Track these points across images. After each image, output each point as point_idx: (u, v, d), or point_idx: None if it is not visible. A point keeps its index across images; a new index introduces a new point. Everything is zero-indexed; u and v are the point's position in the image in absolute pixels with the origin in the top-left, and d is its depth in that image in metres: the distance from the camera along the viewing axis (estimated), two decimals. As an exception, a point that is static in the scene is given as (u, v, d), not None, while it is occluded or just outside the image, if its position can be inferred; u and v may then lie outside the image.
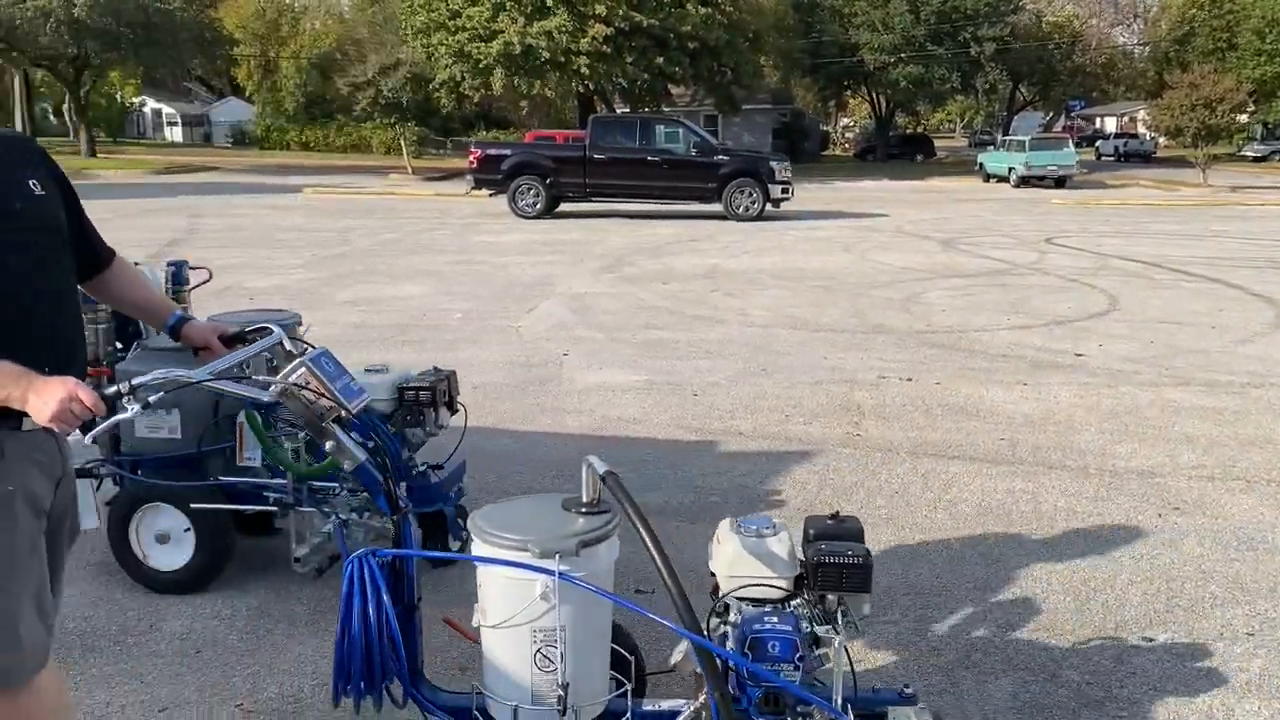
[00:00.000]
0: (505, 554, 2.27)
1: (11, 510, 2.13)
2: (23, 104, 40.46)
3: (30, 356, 2.13)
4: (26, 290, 2.20)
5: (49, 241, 2.28)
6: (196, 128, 60.90)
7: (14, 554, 2.13)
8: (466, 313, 9.88)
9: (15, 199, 2.22)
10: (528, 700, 2.32)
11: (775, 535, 2.52)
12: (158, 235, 16.17)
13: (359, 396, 2.42)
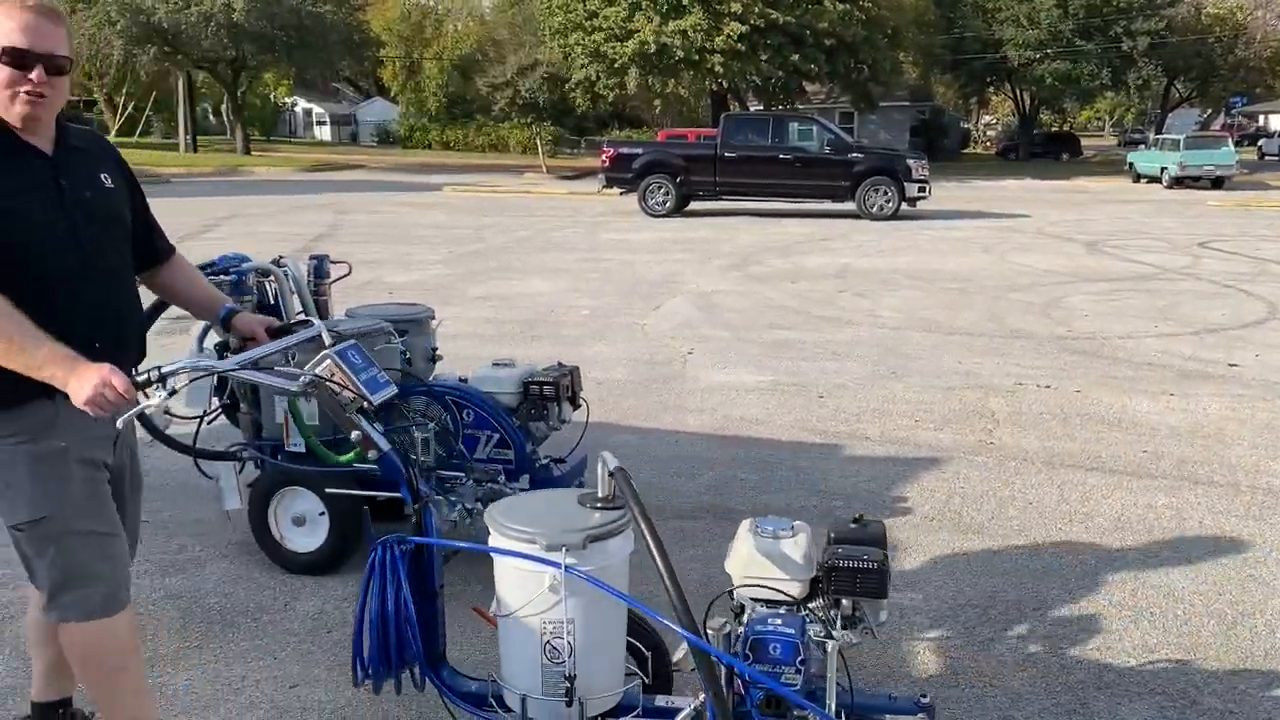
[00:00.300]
0: (516, 546, 2.30)
1: (65, 464, 2.41)
2: (185, 104, 42.75)
3: (85, 333, 2.38)
4: (90, 271, 2.44)
5: (112, 230, 2.54)
6: (344, 127, 63.28)
7: (73, 502, 2.41)
8: (593, 310, 9.98)
9: (86, 188, 2.48)
10: (537, 690, 2.36)
11: (792, 538, 2.48)
12: (305, 230, 16.87)
13: (383, 389, 2.49)
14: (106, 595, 2.47)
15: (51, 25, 2.38)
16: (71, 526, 2.42)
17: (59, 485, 2.41)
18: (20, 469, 2.40)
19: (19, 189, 2.37)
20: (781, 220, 19.80)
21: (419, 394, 4.05)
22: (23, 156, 2.40)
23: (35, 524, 2.41)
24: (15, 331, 2.25)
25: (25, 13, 2.33)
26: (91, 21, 36.47)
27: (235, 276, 4.13)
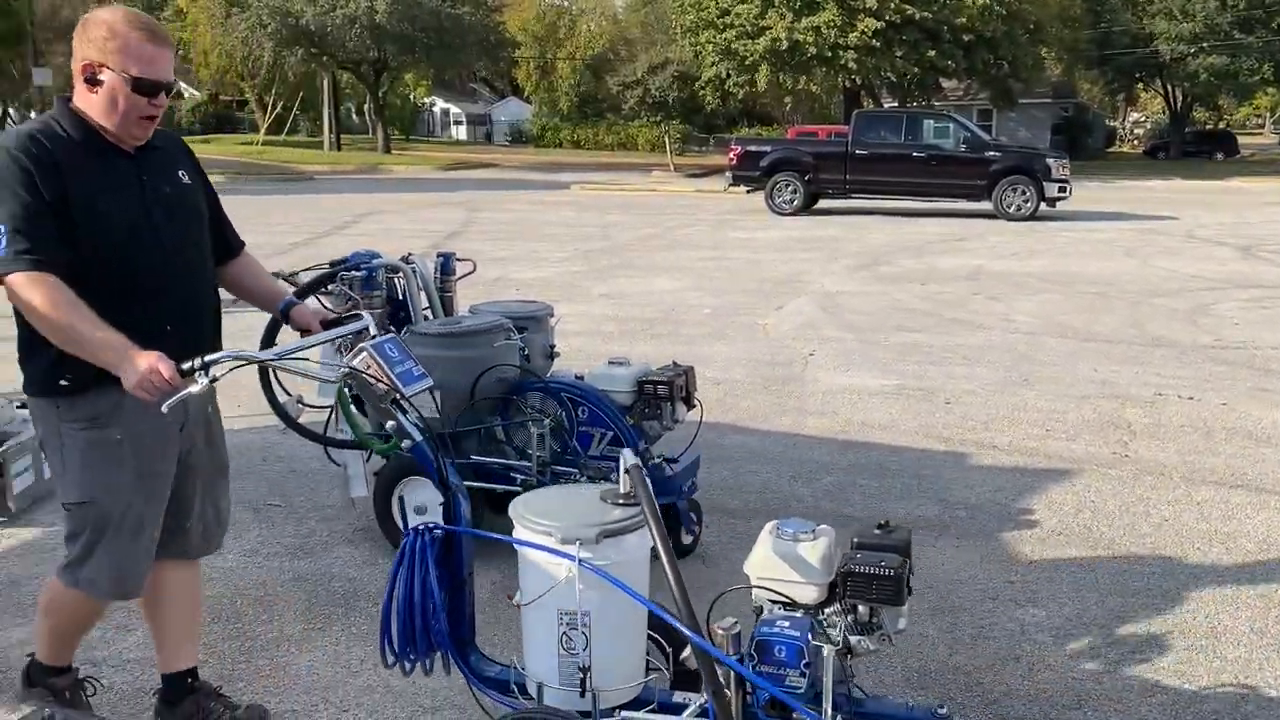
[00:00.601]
0: (534, 537, 2.37)
1: (122, 454, 2.61)
2: (330, 104, 44.42)
3: (166, 323, 2.61)
4: (170, 265, 2.65)
5: (191, 224, 2.76)
6: (479, 126, 64.74)
7: (117, 493, 2.63)
8: (715, 308, 9.95)
9: (166, 185, 2.71)
10: (553, 680, 2.42)
11: (811, 541, 2.45)
12: (439, 228, 17.33)
13: (417, 382, 2.56)
14: (115, 583, 2.71)
15: (169, 53, 2.61)
16: (111, 516, 2.63)
17: (108, 474, 2.61)
18: (75, 454, 2.61)
19: (106, 188, 2.57)
20: (914, 220, 19.37)
21: (535, 390, 4.11)
22: (108, 157, 2.60)
23: (80, 506, 2.64)
24: (75, 319, 2.41)
25: (151, 44, 2.54)
26: (245, 25, 38.23)
27: (366, 272, 4.26)
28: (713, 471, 5.21)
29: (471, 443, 4.11)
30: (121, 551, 2.67)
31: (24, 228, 2.43)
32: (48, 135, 2.54)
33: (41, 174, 2.47)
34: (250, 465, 5.32)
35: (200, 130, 51.09)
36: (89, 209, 2.53)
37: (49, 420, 2.63)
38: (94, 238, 2.53)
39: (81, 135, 2.58)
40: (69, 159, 2.53)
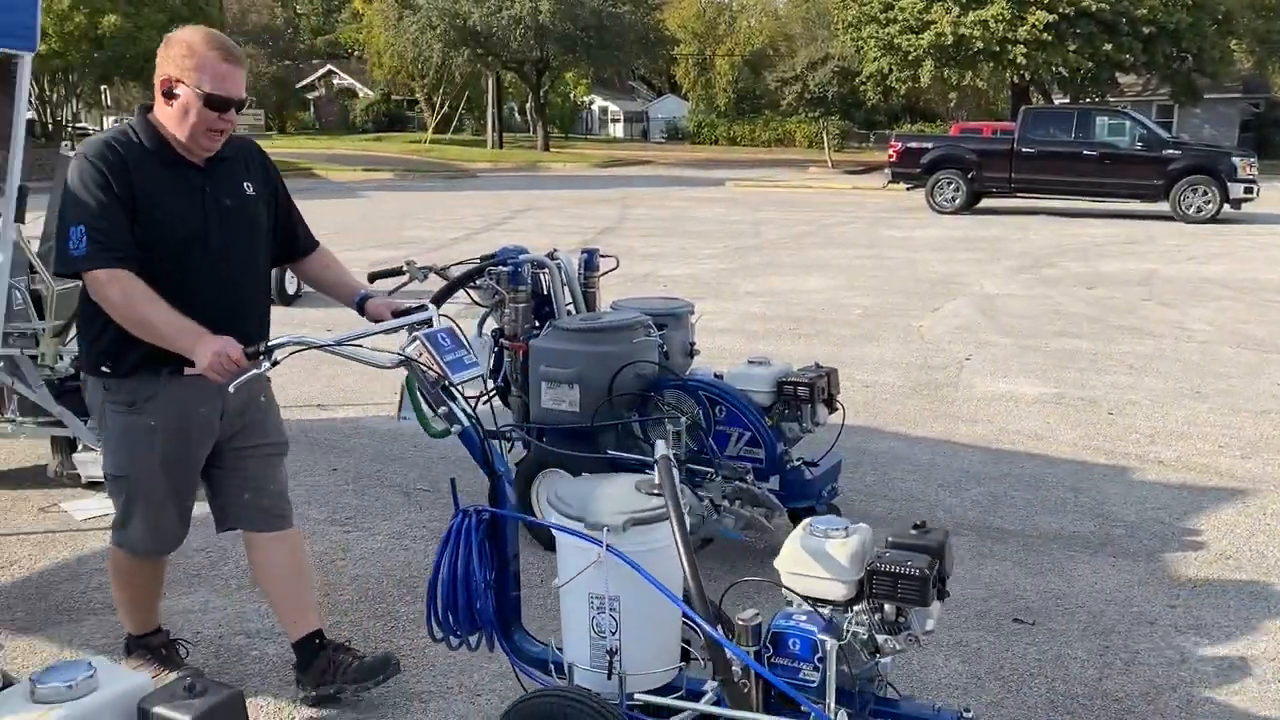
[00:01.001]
0: (567, 523, 2.47)
1: (153, 440, 2.87)
2: (493, 103, 45.64)
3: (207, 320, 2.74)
4: (216, 273, 2.86)
5: (244, 234, 2.95)
6: (636, 124, 65.32)
7: (148, 472, 2.90)
8: (867, 309, 9.74)
9: (227, 197, 2.90)
10: (585, 661, 2.51)
11: (842, 539, 2.42)
12: (591, 224, 17.57)
13: (467, 370, 2.67)
14: (149, 543, 3.01)
15: (241, 72, 2.81)
16: (141, 490, 2.93)
17: (140, 455, 2.88)
18: (115, 432, 2.90)
19: (170, 197, 2.79)
20: (1083, 220, 18.49)
21: (673, 387, 4.10)
22: (177, 168, 2.82)
23: (115, 478, 2.95)
24: (150, 310, 2.67)
25: (225, 63, 2.75)
26: (415, 26, 39.66)
27: (512, 267, 4.34)
28: (856, 477, 5.09)
29: (609, 438, 4.13)
30: (153, 518, 2.96)
31: (101, 226, 2.68)
32: (122, 144, 2.77)
33: (115, 178, 2.70)
34: (402, 451, 5.51)
35: (373, 129, 53.34)
36: (151, 215, 2.75)
37: (96, 396, 2.91)
38: (152, 242, 2.75)
39: (154, 145, 2.80)
40: (139, 166, 2.75)
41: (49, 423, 4.67)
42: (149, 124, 2.82)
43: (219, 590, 3.89)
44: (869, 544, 2.45)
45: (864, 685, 2.44)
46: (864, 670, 2.44)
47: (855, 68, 35.28)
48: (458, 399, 2.68)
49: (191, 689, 1.68)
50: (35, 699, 1.66)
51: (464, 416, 2.68)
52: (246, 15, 52.94)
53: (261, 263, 3.07)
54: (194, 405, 2.89)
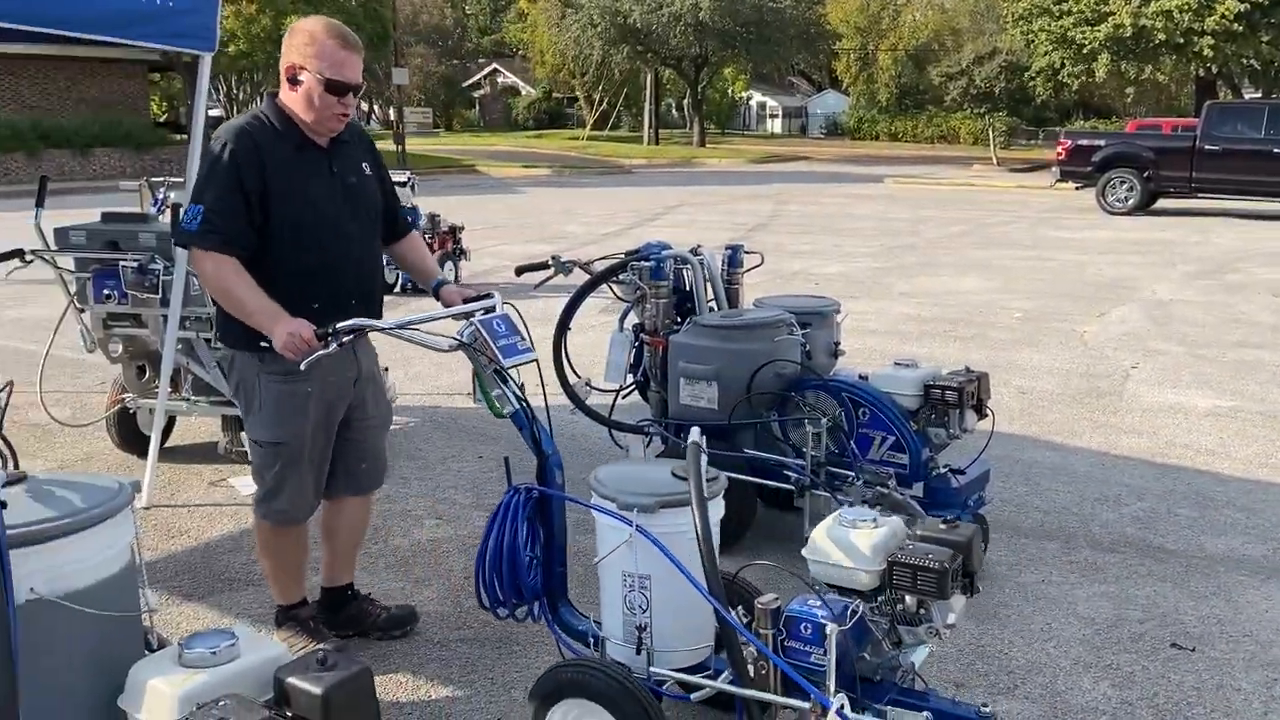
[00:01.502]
0: (602, 503, 2.60)
1: (307, 406, 3.04)
2: (651, 100, 45.95)
3: (347, 290, 3.06)
4: (351, 243, 3.08)
5: (368, 209, 3.18)
6: (794, 119, 64.65)
7: (303, 438, 3.06)
8: (1026, 312, 9.35)
9: (351, 175, 3.12)
10: (617, 636, 2.66)
11: (869, 529, 2.48)
12: (744, 220, 17.49)
13: (519, 355, 2.80)
14: (297, 510, 3.16)
15: (358, 57, 3.00)
16: (296, 455, 3.08)
17: (296, 422, 3.05)
18: (269, 400, 3.04)
19: (302, 175, 3.01)
20: (1272, 224, 17.28)
21: (815, 388, 4.03)
22: (306, 149, 3.04)
23: (272, 446, 3.08)
24: (239, 288, 2.88)
25: (342, 50, 2.95)
26: (577, 25, 40.32)
27: (654, 263, 4.36)
28: (1007, 486, 4.90)
29: (747, 437, 4.10)
30: (302, 483, 3.13)
31: (219, 209, 2.89)
32: (256, 129, 2.98)
33: (246, 166, 2.91)
34: (545, 442, 5.61)
35: (534, 126, 54.53)
36: (285, 192, 2.96)
37: (248, 370, 3.05)
38: (288, 217, 2.97)
39: (285, 127, 3.01)
40: (271, 149, 2.97)
41: (220, 402, 4.95)
42: (278, 108, 3.03)
43: (365, 567, 4.04)
44: (899, 537, 2.50)
45: (886, 675, 2.49)
46: (886, 660, 2.48)
47: (1024, 62, 33.96)
48: (509, 382, 2.83)
49: (323, 662, 1.75)
50: (182, 662, 1.76)
51: (514, 399, 2.83)
52: (418, 16, 54.88)
53: (379, 240, 3.30)
54: (339, 371, 3.09)
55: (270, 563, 3.33)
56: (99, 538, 1.80)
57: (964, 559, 2.42)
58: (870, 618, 2.45)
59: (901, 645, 2.48)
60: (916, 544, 2.45)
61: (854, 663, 2.41)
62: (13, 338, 8.07)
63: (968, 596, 2.47)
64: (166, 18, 4.24)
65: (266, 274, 2.96)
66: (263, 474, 3.15)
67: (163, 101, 45.19)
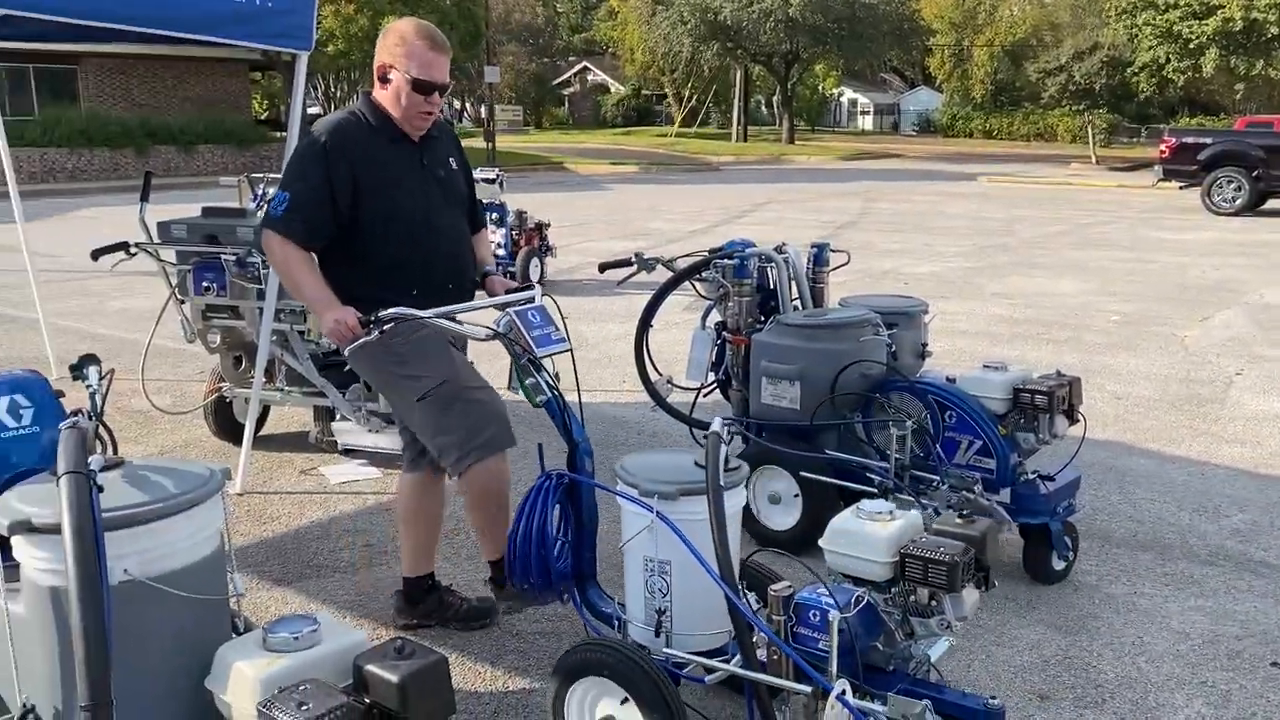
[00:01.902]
0: (625, 490, 2.67)
1: (443, 346, 3.17)
2: (740, 97, 45.73)
3: (440, 275, 3.18)
4: (441, 232, 3.19)
5: (457, 201, 3.32)
6: (886, 116, 63.72)
7: (458, 371, 3.16)
8: (1125, 315, 9.06)
9: (440, 169, 3.25)
10: (639, 618, 2.74)
11: (886, 521, 2.51)
12: (831, 218, 17.30)
13: (552, 345, 2.89)
14: (498, 435, 3.16)
15: (445, 57, 3.11)
16: (463, 387, 3.14)
17: (444, 360, 3.15)
18: (413, 352, 3.12)
19: (394, 168, 3.13)
20: (1390, 225, 16.47)
21: (900, 389, 3.96)
22: (398, 143, 3.17)
23: (436, 388, 3.10)
24: (300, 273, 3.01)
25: (430, 51, 3.06)
26: (667, 22, 40.33)
27: (738, 261, 4.33)
28: (1099, 494, 4.76)
29: (829, 438, 4.05)
30: (482, 407, 3.15)
31: (302, 200, 3.02)
32: (350, 125, 3.11)
33: (336, 160, 3.03)
34: (624, 437, 5.62)
35: (622, 123, 54.72)
36: (376, 185, 3.07)
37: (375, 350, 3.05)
38: (380, 209, 3.07)
39: (378, 122, 3.14)
40: (364, 143, 3.09)
41: (312, 393, 5.08)
42: (372, 104, 3.16)
43: (446, 557, 4.10)
44: (915, 530, 2.52)
45: (898, 665, 2.52)
46: (898, 651, 2.51)
47: (1127, 57, 32.89)
48: (543, 371, 2.91)
49: (401, 650, 1.78)
50: (266, 646, 1.81)
51: (547, 388, 2.92)
52: (510, 15, 55.51)
53: (468, 230, 3.42)
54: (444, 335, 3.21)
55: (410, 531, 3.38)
56: (191, 522, 1.86)
57: (978, 553, 2.45)
58: (883, 609, 2.51)
59: (915, 636, 2.52)
60: (930, 537, 2.49)
61: (862, 651, 2.47)
62: (118, 327, 8.40)
63: (982, 591, 2.50)
64: (265, 18, 4.36)
65: (362, 264, 3.10)
66: (445, 425, 3.11)
67: (263, 100, 46.51)
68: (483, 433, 3.12)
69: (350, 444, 5.16)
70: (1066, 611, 3.69)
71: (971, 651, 3.41)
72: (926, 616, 2.46)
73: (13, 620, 1.84)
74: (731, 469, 2.67)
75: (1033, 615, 3.66)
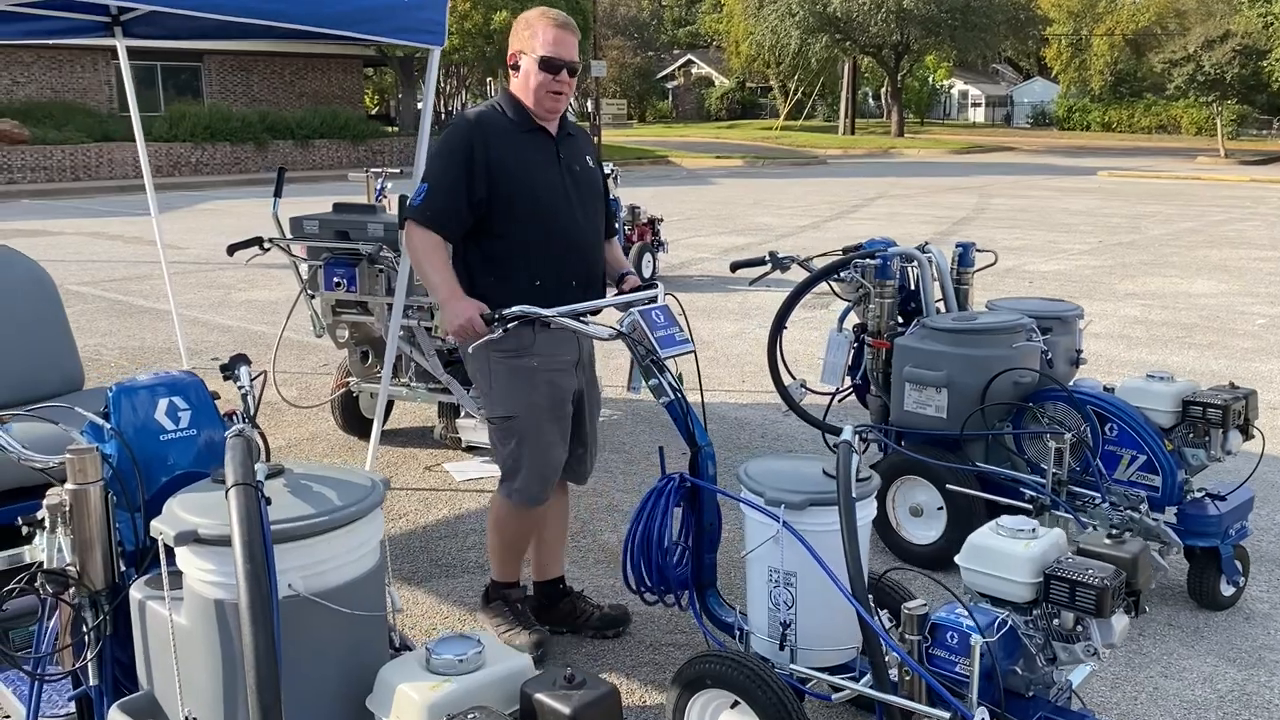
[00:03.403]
0: (751, 497, 2.60)
1: (534, 379, 3.06)
2: (848, 89, 44.96)
3: (566, 272, 3.11)
4: (575, 225, 3.14)
5: (592, 197, 3.26)
6: (998, 108, 61.98)
7: (535, 411, 3.08)
8: (1271, 319, 8.54)
9: (576, 164, 3.21)
10: (762, 630, 2.66)
11: (1027, 539, 2.36)
12: (947, 213, 16.81)
13: (676, 346, 2.86)
14: (527, 491, 3.13)
15: (572, 38, 3.07)
16: (531, 430, 3.09)
17: (526, 394, 3.08)
18: (500, 378, 3.09)
19: (535, 158, 3.11)
20: None
21: (1056, 399, 3.74)
22: (537, 135, 3.13)
23: (505, 420, 3.11)
24: (432, 263, 2.99)
25: (556, 29, 3.03)
26: (775, 14, 39.84)
27: (881, 260, 4.15)
28: (1264, 514, 4.45)
29: (978, 449, 3.85)
30: (541, 458, 3.13)
31: (442, 188, 3.02)
32: (488, 117, 3.10)
33: (473, 149, 3.00)
34: (749, 440, 5.48)
35: (726, 116, 54.35)
36: (510, 173, 3.04)
37: (480, 351, 3.07)
38: (514, 196, 3.04)
39: (516, 115, 3.11)
40: (501, 134, 3.07)
41: (437, 389, 5.07)
42: (510, 97, 3.14)
43: (575, 561, 4.02)
44: (1059, 549, 2.37)
45: (1039, 691, 2.38)
46: (1039, 676, 2.37)
47: (1262, 46, 31.25)
48: (666, 372, 2.87)
49: (571, 680, 1.68)
50: (429, 668, 1.73)
51: (670, 389, 2.87)
52: (615, 9, 55.61)
53: (602, 228, 3.34)
54: (561, 353, 3.13)
55: (498, 538, 3.34)
56: (355, 536, 1.79)
57: (1128, 577, 2.32)
58: (1024, 631, 2.37)
59: (1057, 662, 2.38)
60: (1077, 558, 2.34)
61: (1002, 676, 2.32)
62: (244, 319, 8.58)
63: (1132, 617, 2.36)
64: (399, 13, 4.33)
65: (490, 249, 3.08)
66: (501, 453, 3.19)
67: (374, 95, 47.52)
68: (519, 480, 3.14)
69: (474, 441, 5.14)
70: (1239, 642, 3.43)
71: (1138, 683, 3.18)
72: (1071, 642, 2.33)
73: (176, 631, 1.80)
74: (863, 479, 2.57)
75: (1202, 645, 3.40)
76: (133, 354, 7.36)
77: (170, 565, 1.83)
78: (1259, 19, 31.14)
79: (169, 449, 2.17)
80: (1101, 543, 2.43)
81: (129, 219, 16.07)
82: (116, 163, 23.81)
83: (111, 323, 8.40)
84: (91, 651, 2.01)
